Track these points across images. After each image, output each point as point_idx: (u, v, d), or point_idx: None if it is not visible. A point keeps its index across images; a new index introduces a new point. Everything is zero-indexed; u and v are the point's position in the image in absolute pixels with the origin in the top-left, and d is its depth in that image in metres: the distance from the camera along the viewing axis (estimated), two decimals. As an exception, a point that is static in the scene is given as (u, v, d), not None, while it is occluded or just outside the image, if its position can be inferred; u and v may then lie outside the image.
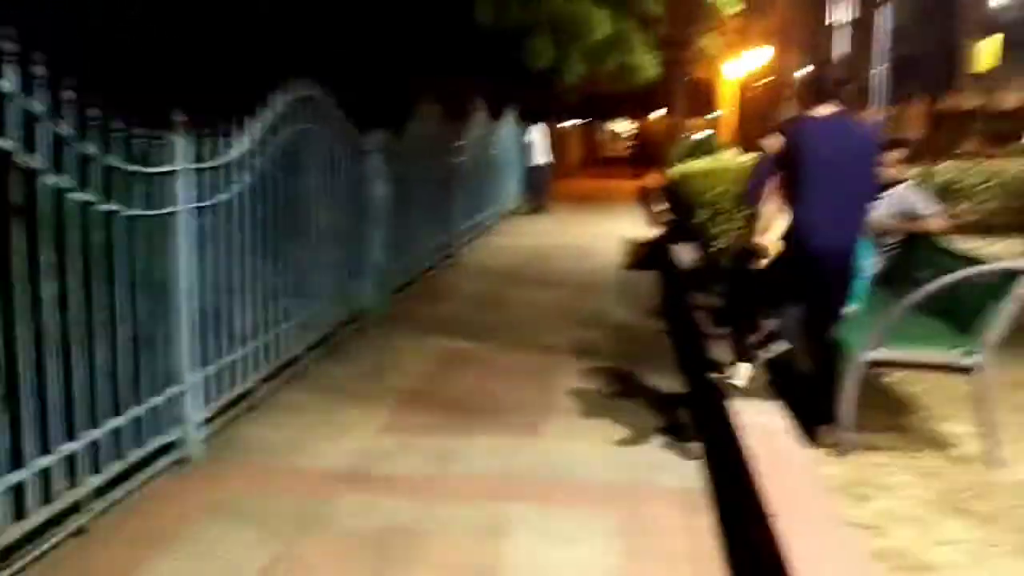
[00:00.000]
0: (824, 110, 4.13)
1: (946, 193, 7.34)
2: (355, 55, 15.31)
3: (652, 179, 22.20)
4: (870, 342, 3.85)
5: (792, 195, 4.04)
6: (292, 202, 5.63)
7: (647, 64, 18.36)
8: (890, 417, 4.47)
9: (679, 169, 10.05)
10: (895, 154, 5.16)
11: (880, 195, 4.73)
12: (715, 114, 25.49)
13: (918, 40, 27.56)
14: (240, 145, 4.83)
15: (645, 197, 19.13)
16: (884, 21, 20.42)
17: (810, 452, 3.88)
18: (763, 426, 4.00)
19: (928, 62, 27.98)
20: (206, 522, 3.68)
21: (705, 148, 11.95)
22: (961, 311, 3.94)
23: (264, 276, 5.21)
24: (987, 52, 29.03)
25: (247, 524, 3.66)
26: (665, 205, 12.57)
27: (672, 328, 7.14)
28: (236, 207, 4.83)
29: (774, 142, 4.19)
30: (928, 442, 4.16)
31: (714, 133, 13.87)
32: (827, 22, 22.88)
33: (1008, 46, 29.16)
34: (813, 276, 4.04)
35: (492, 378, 5.85)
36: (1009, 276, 3.73)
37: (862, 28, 22.56)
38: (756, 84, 27.49)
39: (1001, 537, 3.25)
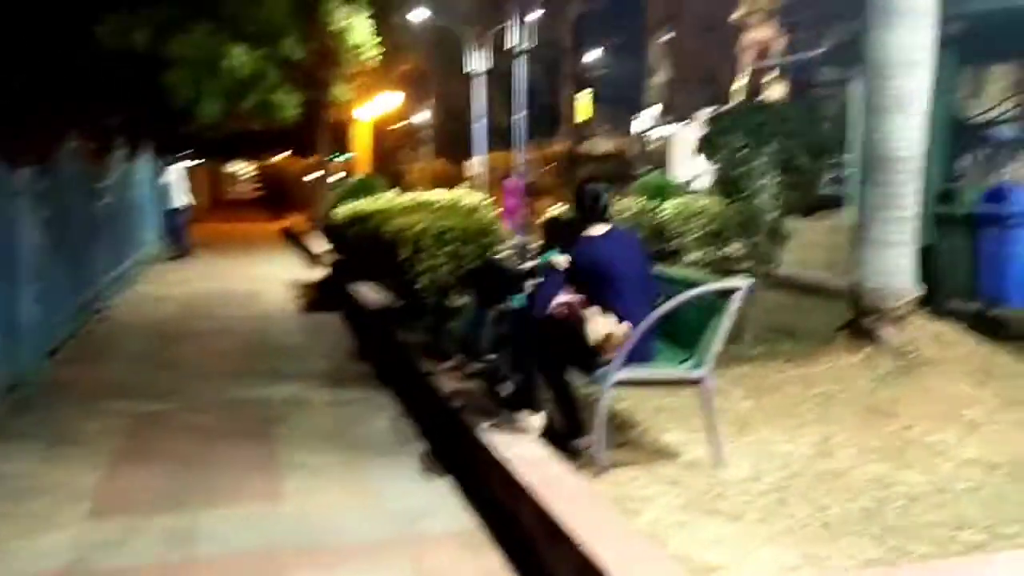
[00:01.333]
0: (602, 227, 4.52)
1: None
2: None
3: (297, 221, 21.92)
4: (618, 364, 4.11)
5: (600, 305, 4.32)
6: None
7: (288, 104, 18.04)
8: (620, 434, 4.80)
9: (347, 209, 9.99)
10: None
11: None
12: (347, 155, 25.92)
13: (545, 91, 30.69)
14: None
15: (295, 238, 18.74)
16: (520, 71, 22.39)
17: (577, 475, 4.02)
18: (528, 456, 4.08)
19: (551, 111, 31.36)
20: None
21: (367, 188, 12.06)
22: (684, 330, 4.36)
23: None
24: (582, 104, 33.04)
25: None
26: (328, 246, 12.42)
27: (379, 369, 7.02)
28: None
29: (562, 260, 4.49)
30: (658, 453, 4.52)
31: (377, 175, 14.10)
32: (465, 71, 24.42)
33: (596, 99, 33.61)
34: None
35: (202, 441, 5.28)
36: (724, 295, 4.21)
37: (500, 77, 24.60)
38: (390, 127, 28.42)
39: (751, 530, 3.63)
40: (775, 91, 17.55)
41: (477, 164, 24.46)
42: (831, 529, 3.55)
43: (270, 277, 13.01)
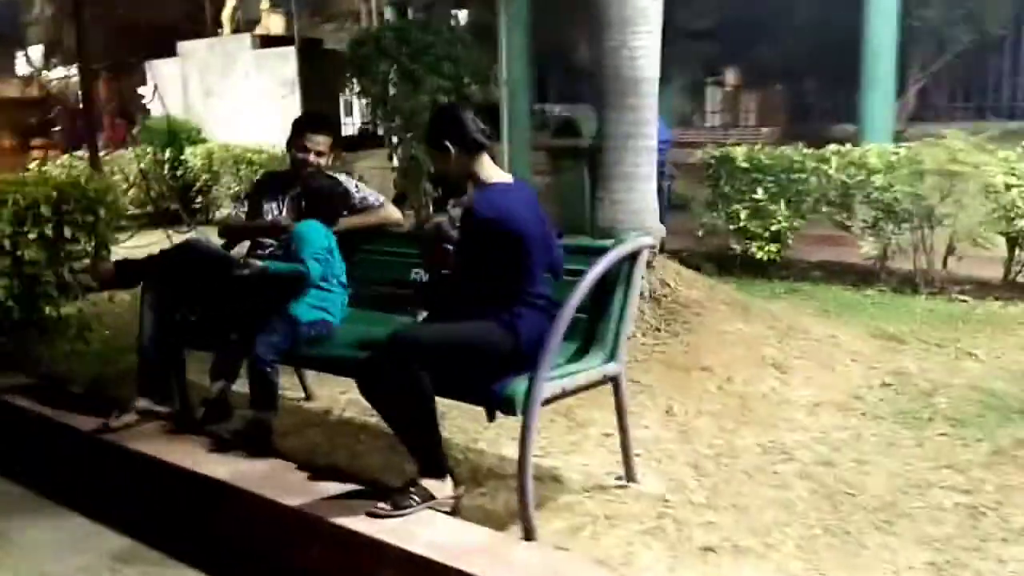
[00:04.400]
0: (495, 171, 3.13)
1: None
2: None
3: None
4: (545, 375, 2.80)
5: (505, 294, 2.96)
6: None
7: None
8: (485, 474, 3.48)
9: None
10: (323, 138, 3.98)
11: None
12: None
13: None
14: None
15: None
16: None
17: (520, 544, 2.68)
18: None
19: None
20: None
21: None
22: (586, 319, 3.17)
23: None
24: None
25: None
26: None
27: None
28: None
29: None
30: (558, 483, 3.34)
31: None
32: None
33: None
34: None
35: None
36: (629, 260, 3.14)
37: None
38: None
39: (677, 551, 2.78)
40: (274, 23, 16.05)
41: None
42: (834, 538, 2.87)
43: None
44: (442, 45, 5.69)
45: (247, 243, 4.12)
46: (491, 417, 2.99)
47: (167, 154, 12.58)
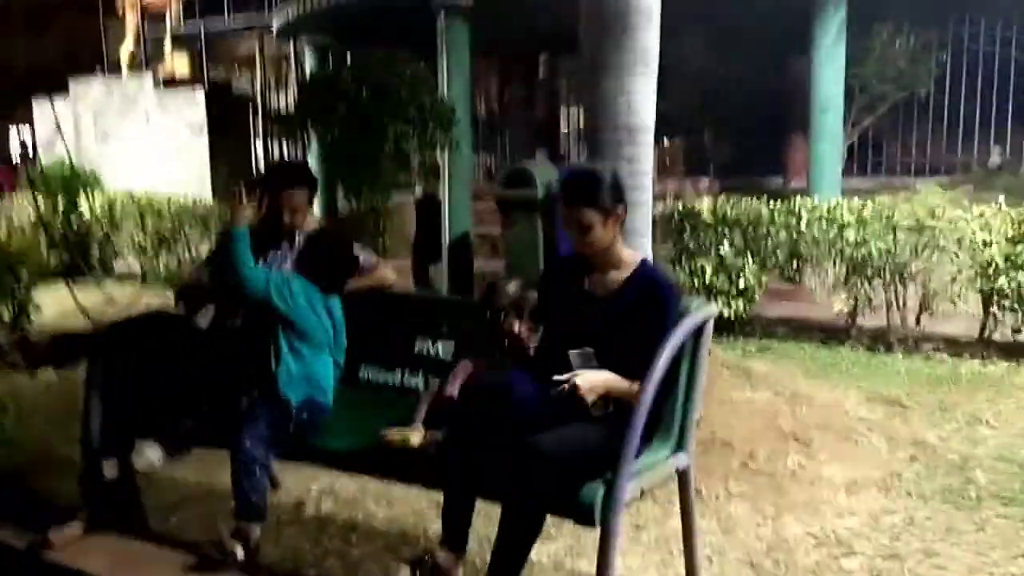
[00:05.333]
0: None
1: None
2: None
3: None
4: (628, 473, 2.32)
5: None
6: None
7: None
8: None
9: None
10: (303, 192, 3.42)
11: None
12: None
13: None
14: None
15: None
16: None
17: None
18: None
19: None
20: None
21: None
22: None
23: None
24: None
25: None
26: None
27: None
28: None
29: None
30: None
31: None
32: None
33: None
34: None
35: None
36: (695, 332, 2.70)
37: None
38: None
39: None
40: (178, 64, 15.17)
41: None
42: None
43: None
44: (406, 88, 5.24)
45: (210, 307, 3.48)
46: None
47: (61, 203, 11.54)
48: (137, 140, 14.28)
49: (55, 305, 6.62)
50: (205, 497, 3.59)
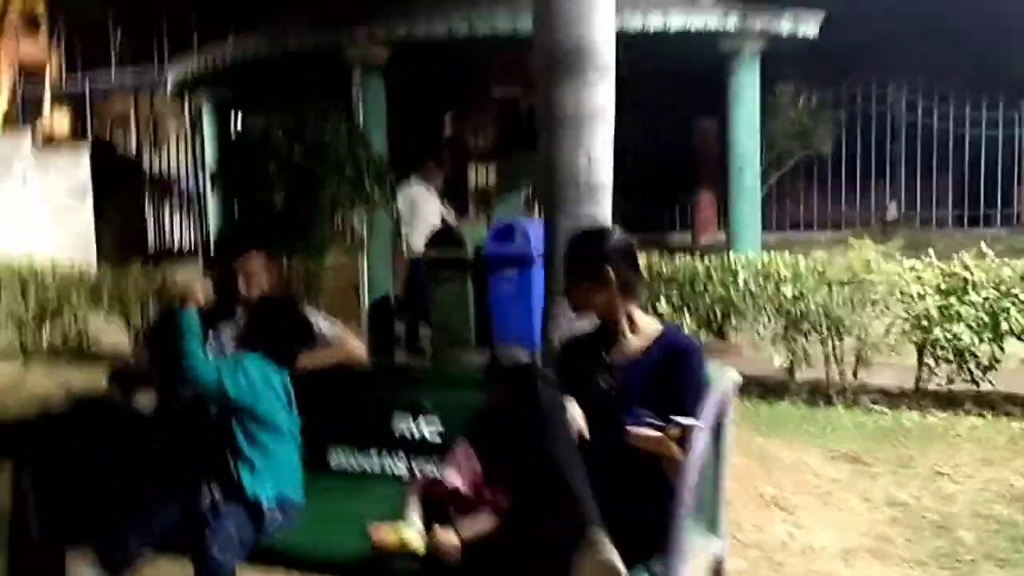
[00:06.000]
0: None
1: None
2: None
3: None
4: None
5: None
6: None
7: None
8: None
9: None
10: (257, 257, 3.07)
11: None
12: None
13: None
14: None
15: None
16: None
17: None
18: None
19: None
20: None
21: None
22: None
23: None
24: None
25: None
26: None
27: None
28: None
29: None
30: None
31: None
32: None
33: None
34: None
35: None
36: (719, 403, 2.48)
37: None
38: None
39: None
40: (59, 122, 14.28)
41: None
42: None
43: None
44: (341, 144, 4.93)
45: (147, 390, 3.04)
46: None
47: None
48: (11, 203, 13.31)
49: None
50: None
